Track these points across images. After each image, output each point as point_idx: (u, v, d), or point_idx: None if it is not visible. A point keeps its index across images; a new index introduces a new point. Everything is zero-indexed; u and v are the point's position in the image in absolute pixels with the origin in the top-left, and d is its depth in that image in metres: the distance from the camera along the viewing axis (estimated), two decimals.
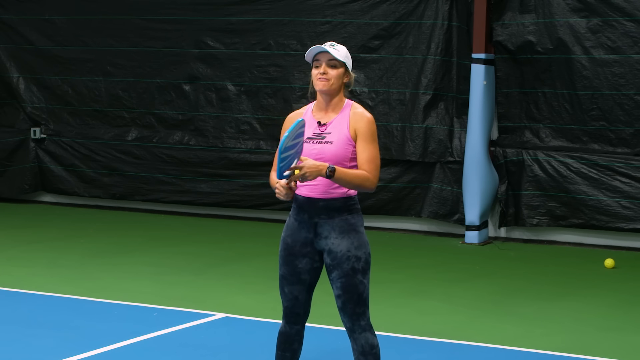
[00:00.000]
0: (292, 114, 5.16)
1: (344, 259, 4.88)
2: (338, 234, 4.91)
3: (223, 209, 12.75)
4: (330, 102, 4.97)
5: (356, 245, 4.91)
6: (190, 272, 9.25)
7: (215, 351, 6.57)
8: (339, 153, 4.88)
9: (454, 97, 11.43)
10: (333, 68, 4.91)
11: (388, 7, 11.62)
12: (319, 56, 4.93)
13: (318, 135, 4.94)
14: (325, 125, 4.96)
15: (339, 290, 4.91)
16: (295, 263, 5.00)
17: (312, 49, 4.94)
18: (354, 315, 4.92)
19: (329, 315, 7.20)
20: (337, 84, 4.93)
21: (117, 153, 13.13)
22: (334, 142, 4.90)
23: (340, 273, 4.89)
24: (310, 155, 4.88)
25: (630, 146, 10.73)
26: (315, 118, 5.00)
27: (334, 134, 4.92)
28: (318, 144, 4.92)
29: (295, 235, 5.00)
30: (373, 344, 4.96)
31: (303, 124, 4.73)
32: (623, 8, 10.59)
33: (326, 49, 4.91)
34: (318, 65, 4.92)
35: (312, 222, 4.96)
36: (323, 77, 4.90)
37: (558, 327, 7.41)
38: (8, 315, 7.49)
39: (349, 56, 5.00)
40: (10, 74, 13.62)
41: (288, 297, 5.06)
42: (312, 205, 4.95)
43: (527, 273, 9.61)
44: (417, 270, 9.57)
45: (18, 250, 10.28)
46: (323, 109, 5.00)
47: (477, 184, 10.95)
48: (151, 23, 12.87)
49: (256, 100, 12.36)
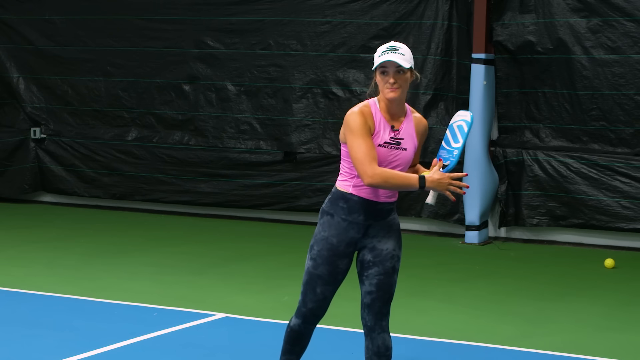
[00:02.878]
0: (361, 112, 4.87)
1: (388, 257, 4.95)
2: (385, 232, 4.99)
3: (223, 209, 12.75)
4: (398, 107, 4.97)
5: (399, 246, 5.03)
6: (190, 272, 9.25)
7: (215, 351, 6.57)
8: (409, 158, 4.99)
9: (454, 97, 11.43)
10: (401, 74, 4.87)
11: (388, 7, 11.62)
12: (386, 63, 4.85)
13: (394, 140, 4.94)
14: (398, 131, 4.96)
15: (372, 287, 4.93)
16: (337, 263, 4.98)
17: (383, 56, 4.82)
18: (379, 314, 4.95)
19: (329, 315, 7.19)
20: (406, 89, 4.95)
21: (117, 153, 13.12)
22: (408, 149, 4.97)
23: (380, 270, 4.94)
24: (387, 161, 4.89)
25: (630, 146, 10.73)
26: (388, 121, 4.96)
27: (407, 140, 4.98)
28: (396, 149, 4.93)
29: (342, 236, 4.97)
30: (388, 346, 5.00)
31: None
32: (623, 8, 10.59)
33: (394, 60, 4.80)
34: (386, 72, 4.85)
35: (366, 224, 4.97)
36: (394, 87, 4.86)
37: (558, 327, 7.41)
38: (8, 315, 7.48)
39: (412, 58, 4.94)
40: (10, 74, 13.61)
41: (318, 298, 5.02)
42: (370, 207, 4.95)
43: (527, 273, 9.61)
44: (417, 270, 9.57)
45: (18, 250, 10.28)
46: (390, 113, 4.96)
47: (477, 184, 10.95)
48: (151, 23, 12.87)
49: (256, 100, 12.36)
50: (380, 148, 4.88)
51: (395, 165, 4.91)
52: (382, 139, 4.89)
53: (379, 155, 4.87)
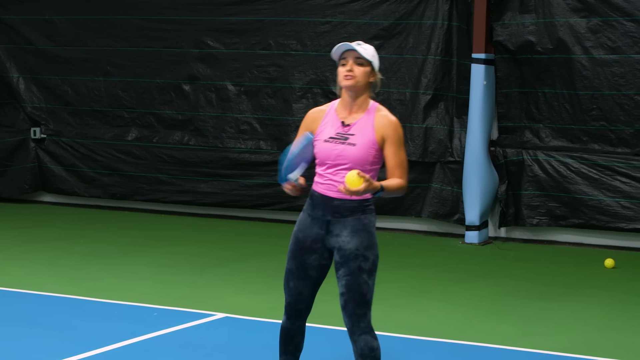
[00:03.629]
0: (313, 110, 5.13)
1: (351, 257, 4.88)
2: (350, 232, 4.91)
3: (223, 209, 12.75)
4: (355, 101, 4.95)
5: (365, 245, 4.91)
6: (190, 272, 9.25)
7: (215, 351, 6.57)
8: (361, 156, 4.87)
9: (454, 97, 11.43)
10: (360, 66, 4.89)
11: (388, 7, 11.62)
12: (346, 54, 4.91)
13: (341, 135, 4.92)
14: (349, 125, 4.93)
15: (343, 288, 4.91)
16: (304, 258, 5.01)
17: (340, 46, 4.92)
18: (354, 315, 4.91)
19: (329, 315, 7.20)
20: (363, 82, 4.91)
21: (117, 153, 13.12)
22: (357, 144, 4.88)
23: (346, 271, 4.89)
24: (331, 156, 4.89)
25: (630, 146, 10.73)
26: (339, 117, 4.98)
27: (358, 136, 4.89)
28: (340, 144, 4.90)
29: (307, 231, 5.02)
30: (372, 346, 4.95)
31: (311, 142, 4.84)
32: (623, 8, 10.59)
33: (353, 47, 4.89)
34: (345, 62, 4.91)
35: (325, 220, 4.97)
36: (349, 74, 4.88)
37: (558, 327, 7.41)
38: (8, 315, 7.48)
39: (377, 56, 4.98)
40: (10, 74, 13.61)
41: (292, 292, 5.06)
42: (327, 203, 4.96)
43: (527, 273, 9.61)
44: (417, 270, 9.57)
45: (18, 250, 10.27)
46: (347, 108, 4.98)
47: (477, 184, 10.95)
48: (151, 23, 12.87)
49: (256, 100, 12.36)
50: (325, 143, 4.92)
51: (341, 161, 4.88)
52: (327, 134, 4.94)
53: (322, 150, 4.91)
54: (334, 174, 4.93)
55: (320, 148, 4.95)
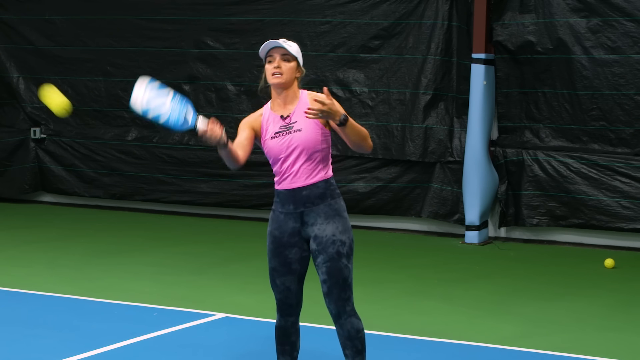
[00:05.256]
0: (248, 117, 5.30)
1: (329, 243, 4.98)
2: (323, 219, 5.02)
3: (223, 209, 12.75)
4: (287, 96, 5.11)
5: (341, 230, 5.02)
6: (190, 272, 9.25)
7: (215, 351, 6.57)
8: (310, 138, 5.00)
9: (454, 97, 11.43)
10: (286, 62, 5.07)
11: (388, 7, 11.61)
12: (272, 52, 5.10)
13: (284, 127, 5.06)
14: (288, 116, 5.08)
15: (324, 275, 4.99)
16: (285, 254, 5.09)
17: (266, 45, 5.11)
18: (339, 300, 5.00)
19: (329, 315, 7.19)
20: (291, 77, 5.08)
21: (117, 153, 13.13)
22: (302, 128, 5.02)
23: (325, 257, 4.98)
24: (282, 148, 5.04)
25: (630, 146, 10.73)
26: (277, 113, 5.13)
27: (300, 122, 5.03)
28: (288, 134, 5.04)
29: (282, 227, 5.10)
30: (359, 328, 5.06)
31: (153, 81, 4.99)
32: (623, 8, 10.59)
33: (280, 44, 5.05)
34: (272, 60, 5.10)
35: (297, 212, 5.06)
36: (277, 71, 5.05)
37: (558, 327, 7.41)
38: (8, 315, 7.49)
39: (300, 52, 5.17)
40: (10, 74, 13.62)
41: (280, 289, 5.15)
42: (296, 196, 5.05)
43: (527, 273, 9.61)
44: (417, 270, 9.57)
45: (18, 250, 10.28)
46: (281, 104, 5.14)
47: (477, 184, 10.95)
48: (151, 23, 12.87)
49: (256, 100, 12.35)
50: (272, 140, 5.06)
51: (293, 149, 5.00)
52: (272, 132, 5.08)
53: (273, 147, 5.06)
54: (291, 166, 5.04)
55: (269, 146, 5.10)
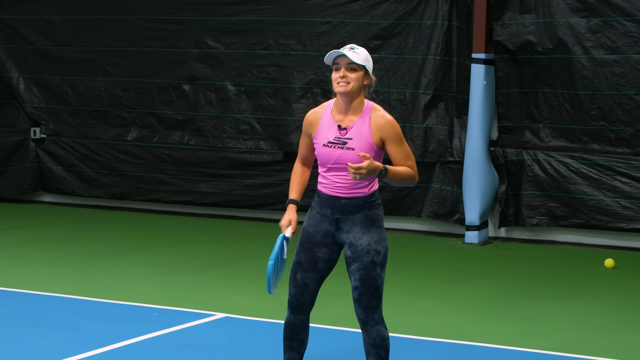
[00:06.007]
0: (310, 113, 5.16)
1: (364, 252, 5.01)
2: (359, 228, 5.04)
3: (223, 209, 12.75)
4: (350, 105, 5.01)
5: (376, 240, 5.04)
6: (190, 272, 9.25)
7: (215, 351, 6.57)
8: (360, 160, 4.90)
9: (454, 97, 11.43)
10: (352, 71, 4.95)
11: (388, 7, 11.61)
12: (339, 60, 4.97)
13: (339, 140, 4.99)
14: (346, 129, 5.00)
15: (357, 282, 5.02)
16: (315, 251, 5.12)
17: (332, 53, 4.98)
18: (369, 307, 5.04)
19: (332, 316, 7.20)
20: (357, 87, 4.96)
21: (117, 153, 13.12)
22: (355, 149, 4.95)
23: (359, 265, 5.01)
24: (331, 159, 4.99)
25: (630, 146, 10.73)
26: (336, 120, 5.03)
27: (356, 140, 4.96)
28: (339, 149, 4.98)
29: (317, 226, 5.13)
30: (384, 336, 5.10)
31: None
32: (623, 8, 10.59)
33: (345, 52, 4.93)
34: (337, 68, 4.97)
35: (334, 218, 5.07)
36: (342, 81, 4.93)
37: (558, 327, 7.41)
38: (8, 315, 7.48)
39: (370, 59, 5.03)
40: (10, 74, 13.61)
41: (298, 284, 5.15)
42: (335, 203, 5.06)
43: (527, 273, 9.61)
44: (417, 270, 9.57)
45: (18, 250, 10.28)
46: (343, 111, 5.03)
47: (477, 184, 10.95)
48: (151, 23, 12.87)
49: (256, 100, 12.36)
50: (324, 147, 5.01)
51: (341, 165, 4.98)
52: (326, 138, 5.02)
53: (323, 155, 5.02)
54: (336, 177, 5.03)
55: (320, 152, 5.05)
